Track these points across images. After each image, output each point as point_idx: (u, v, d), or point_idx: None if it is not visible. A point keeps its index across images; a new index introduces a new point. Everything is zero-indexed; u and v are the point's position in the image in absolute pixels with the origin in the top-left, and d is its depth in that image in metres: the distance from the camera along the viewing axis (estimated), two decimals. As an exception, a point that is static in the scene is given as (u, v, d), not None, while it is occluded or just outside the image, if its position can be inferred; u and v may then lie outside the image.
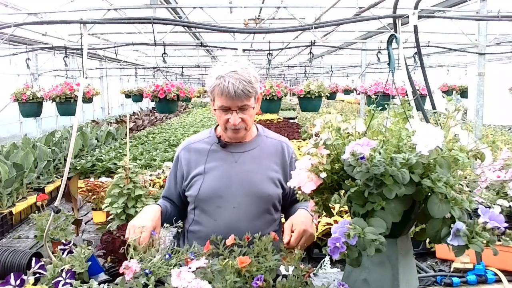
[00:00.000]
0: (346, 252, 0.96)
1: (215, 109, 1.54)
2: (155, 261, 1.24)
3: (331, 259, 2.95)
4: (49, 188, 5.66)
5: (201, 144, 1.66)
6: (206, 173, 1.60)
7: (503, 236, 0.99)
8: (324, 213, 1.21)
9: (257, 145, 1.65)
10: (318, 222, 3.69)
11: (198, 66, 11.48)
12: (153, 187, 4.63)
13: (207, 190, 1.58)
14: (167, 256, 1.26)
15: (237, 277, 1.17)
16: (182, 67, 11.48)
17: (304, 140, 8.34)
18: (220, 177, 1.59)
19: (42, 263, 1.36)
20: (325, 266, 2.67)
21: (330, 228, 2.63)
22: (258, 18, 7.14)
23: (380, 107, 1.17)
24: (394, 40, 1.34)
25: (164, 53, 5.12)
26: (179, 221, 1.47)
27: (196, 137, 1.73)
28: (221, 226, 1.53)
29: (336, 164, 1.11)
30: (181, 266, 1.24)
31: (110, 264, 1.59)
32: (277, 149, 1.67)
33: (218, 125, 1.69)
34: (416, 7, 1.92)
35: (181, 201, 1.71)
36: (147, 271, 1.17)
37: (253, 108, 1.54)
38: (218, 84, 1.46)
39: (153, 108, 17.52)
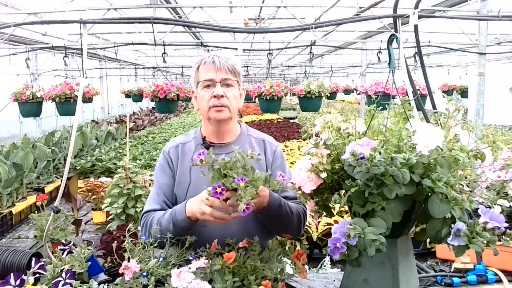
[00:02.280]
0: (346, 252, 0.96)
1: (199, 82, 1.53)
2: (154, 262, 1.24)
3: (331, 259, 2.94)
4: (49, 188, 5.66)
5: (186, 146, 1.62)
6: (191, 177, 1.55)
7: (503, 236, 0.99)
8: (324, 213, 1.21)
9: (241, 145, 1.59)
10: (319, 222, 3.69)
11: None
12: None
13: (193, 194, 1.49)
14: (161, 259, 1.26)
15: (233, 276, 1.18)
16: (182, 67, 11.47)
17: (304, 140, 8.35)
18: (206, 181, 1.53)
19: (42, 263, 1.36)
20: (325, 266, 2.68)
21: (330, 228, 2.62)
22: (258, 18, 7.13)
23: (381, 107, 1.17)
24: (394, 40, 1.34)
25: (164, 53, 5.12)
26: None
27: (181, 138, 1.67)
28: (211, 231, 1.48)
29: (336, 164, 1.11)
30: (180, 266, 1.24)
31: (110, 264, 1.58)
32: (260, 147, 1.64)
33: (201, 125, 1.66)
34: (416, 7, 1.92)
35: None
36: (144, 273, 1.17)
37: (238, 83, 1.55)
38: (202, 59, 1.55)
39: (153, 108, 17.52)
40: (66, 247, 1.46)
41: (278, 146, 1.69)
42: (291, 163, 6.06)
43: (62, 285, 1.23)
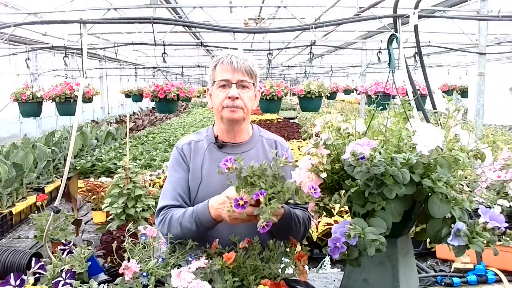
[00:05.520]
0: (346, 252, 0.96)
1: (215, 82, 1.53)
2: (154, 262, 1.24)
3: (331, 259, 2.93)
4: (49, 188, 5.66)
5: (199, 144, 1.62)
6: (203, 176, 1.56)
7: (503, 236, 0.99)
8: (324, 213, 1.21)
9: (254, 145, 1.62)
10: (319, 222, 3.69)
11: (198, 66, 11.49)
12: (153, 187, 4.62)
13: (205, 193, 1.53)
14: (160, 260, 1.26)
15: (233, 276, 1.17)
16: (182, 67, 11.48)
17: (304, 140, 8.35)
18: (217, 179, 1.52)
19: (42, 263, 1.36)
20: (325, 266, 2.68)
21: (330, 228, 2.62)
22: (258, 18, 7.13)
23: (381, 107, 1.17)
24: (394, 40, 1.34)
25: (164, 53, 5.12)
26: None
27: (194, 136, 1.67)
28: (219, 229, 1.48)
29: (337, 164, 1.11)
30: (180, 266, 1.24)
31: (110, 264, 1.58)
32: (272, 148, 1.64)
33: (214, 124, 1.66)
34: (416, 7, 1.92)
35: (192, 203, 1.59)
36: (144, 273, 1.17)
37: (253, 85, 1.54)
38: (220, 58, 1.53)
39: (153, 108, 17.52)
40: (66, 247, 1.45)
41: (289, 147, 1.69)
42: (291, 163, 6.05)
43: (62, 285, 1.23)
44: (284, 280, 1.23)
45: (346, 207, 1.17)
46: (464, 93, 11.24)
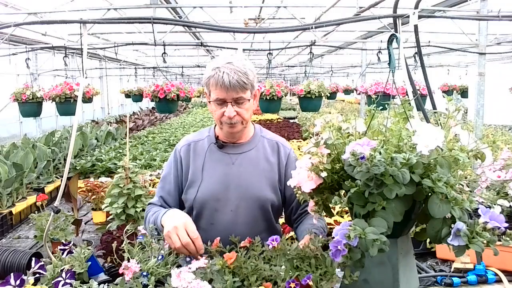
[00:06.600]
0: (348, 254, 0.96)
1: (209, 101, 1.52)
2: (153, 262, 1.24)
3: (331, 259, 2.91)
4: (49, 188, 5.66)
5: (199, 144, 1.63)
6: (203, 176, 1.56)
7: (503, 236, 0.99)
8: (324, 213, 1.21)
9: (254, 145, 1.62)
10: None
11: (198, 66, 11.48)
12: (153, 187, 4.62)
13: (204, 193, 1.54)
14: (160, 257, 1.26)
15: (234, 276, 1.17)
16: (182, 67, 11.49)
17: (305, 139, 8.35)
18: (217, 179, 1.56)
19: (42, 263, 1.36)
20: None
21: (330, 229, 2.62)
22: (258, 18, 7.13)
23: (381, 107, 1.17)
24: (394, 40, 1.34)
25: (164, 53, 5.12)
26: None
27: (194, 136, 1.68)
28: (218, 230, 1.50)
29: (337, 164, 1.11)
30: (180, 266, 1.24)
31: (110, 264, 1.58)
32: (273, 149, 1.64)
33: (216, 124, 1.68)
34: (416, 7, 1.92)
35: (177, 204, 1.64)
36: (144, 273, 1.17)
37: (249, 100, 1.50)
38: (213, 75, 1.45)
39: (153, 108, 17.51)
40: (66, 247, 1.45)
41: (291, 149, 1.68)
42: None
43: (62, 285, 1.23)
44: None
45: (346, 207, 1.17)
46: (464, 93, 11.24)
